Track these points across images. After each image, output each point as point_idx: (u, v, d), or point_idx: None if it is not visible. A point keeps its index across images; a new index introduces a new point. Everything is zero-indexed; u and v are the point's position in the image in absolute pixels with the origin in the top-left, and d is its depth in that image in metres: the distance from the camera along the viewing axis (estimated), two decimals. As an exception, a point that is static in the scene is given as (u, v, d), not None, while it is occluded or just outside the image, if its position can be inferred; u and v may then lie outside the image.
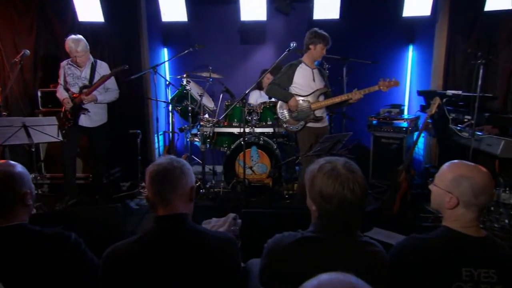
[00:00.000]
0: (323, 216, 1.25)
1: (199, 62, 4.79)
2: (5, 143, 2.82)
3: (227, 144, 4.09)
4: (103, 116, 3.69)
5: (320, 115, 3.20)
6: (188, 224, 1.33)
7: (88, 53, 3.47)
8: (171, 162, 1.33)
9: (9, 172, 1.35)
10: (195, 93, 4.17)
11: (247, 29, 4.78)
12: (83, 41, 3.41)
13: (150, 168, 1.33)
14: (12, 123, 2.78)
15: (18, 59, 3.11)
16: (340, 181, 1.20)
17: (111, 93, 3.64)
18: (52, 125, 2.93)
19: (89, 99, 3.45)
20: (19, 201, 1.36)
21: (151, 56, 4.61)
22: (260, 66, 4.83)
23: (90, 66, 3.54)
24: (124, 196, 3.94)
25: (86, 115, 3.53)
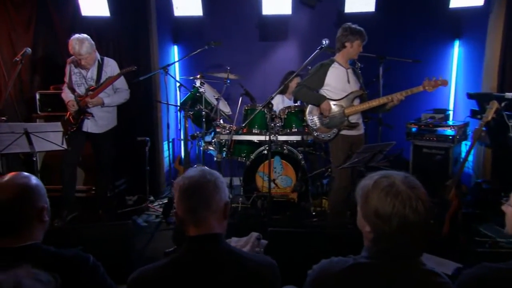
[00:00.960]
0: (380, 239, 1.23)
1: (213, 62, 4.84)
2: (4, 152, 2.86)
3: (245, 154, 4.10)
4: (111, 120, 3.71)
5: (355, 121, 3.19)
6: (223, 245, 1.33)
7: (93, 54, 3.51)
8: (204, 174, 1.34)
9: (25, 185, 1.36)
10: (209, 96, 4.21)
11: (267, 24, 4.83)
12: (88, 42, 3.43)
13: (179, 182, 1.33)
14: (13, 129, 2.82)
15: (19, 58, 3.16)
16: (401, 199, 1.18)
17: (120, 94, 3.66)
18: (57, 131, 2.97)
19: (94, 103, 3.47)
20: (36, 217, 1.37)
21: (161, 55, 4.66)
22: (281, 65, 4.86)
23: (97, 65, 3.58)
24: (131, 211, 3.97)
25: (90, 120, 3.56)
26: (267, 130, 3.88)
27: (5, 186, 1.34)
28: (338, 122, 3.16)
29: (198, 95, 4.11)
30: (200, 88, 4.14)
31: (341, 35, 3.15)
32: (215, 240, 1.33)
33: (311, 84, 3.22)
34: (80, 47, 3.37)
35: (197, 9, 4.13)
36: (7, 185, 1.34)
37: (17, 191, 1.33)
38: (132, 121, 4.44)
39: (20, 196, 1.33)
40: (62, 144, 3.03)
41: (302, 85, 3.23)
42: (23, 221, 1.34)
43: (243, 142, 4.09)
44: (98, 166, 3.75)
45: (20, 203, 1.33)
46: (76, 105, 3.50)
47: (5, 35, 4.32)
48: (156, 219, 3.83)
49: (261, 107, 3.42)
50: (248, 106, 4.02)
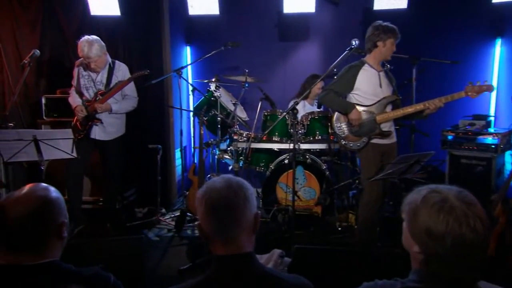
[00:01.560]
0: (432, 261, 1.19)
1: (229, 64, 4.89)
2: (11, 160, 2.89)
3: (264, 163, 4.10)
4: (120, 127, 3.74)
5: (387, 129, 3.14)
6: (256, 266, 1.32)
7: (104, 57, 3.55)
8: (231, 186, 1.32)
9: (46, 198, 1.36)
10: (225, 101, 4.24)
11: (288, 23, 4.84)
12: (98, 44, 3.46)
13: (205, 195, 1.31)
14: (21, 136, 2.85)
15: (27, 61, 3.22)
16: (455, 216, 1.15)
17: (128, 101, 3.69)
18: (67, 139, 3.00)
19: (104, 108, 3.51)
20: (55, 233, 1.37)
21: (173, 57, 4.70)
22: (302, 67, 4.88)
23: (107, 68, 3.61)
24: (140, 225, 3.97)
25: (99, 126, 3.59)
26: (288, 137, 3.90)
27: (24, 198, 1.33)
28: (369, 130, 3.12)
29: (212, 100, 4.14)
30: (215, 92, 4.17)
31: (372, 34, 3.12)
32: (247, 261, 1.31)
33: (339, 88, 3.18)
34: (89, 50, 3.40)
35: (214, 8, 4.16)
36: (27, 197, 1.34)
37: (37, 205, 1.33)
38: (143, 127, 4.46)
39: (40, 210, 1.33)
40: (72, 152, 3.05)
41: (328, 90, 3.20)
42: (42, 236, 1.34)
43: (262, 150, 4.09)
44: (105, 176, 3.76)
45: (40, 218, 1.33)
46: (85, 111, 3.53)
47: (10, 35, 4.39)
48: (168, 233, 3.83)
49: (285, 113, 3.41)
50: (267, 112, 4.02)
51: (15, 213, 1.31)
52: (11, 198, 1.34)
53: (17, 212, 1.31)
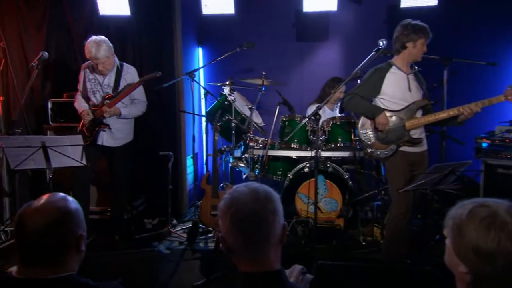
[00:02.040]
0: (481, 283, 1.17)
1: (242, 65, 4.89)
2: (18, 168, 2.91)
3: (281, 172, 4.07)
4: (128, 133, 3.75)
5: (417, 136, 3.10)
6: (286, 285, 1.31)
7: (112, 58, 3.57)
8: (258, 198, 1.29)
9: (65, 209, 1.38)
10: (240, 105, 4.24)
11: (306, 22, 4.83)
12: (106, 44, 3.49)
13: (230, 208, 1.29)
14: (29, 142, 2.87)
15: (35, 63, 3.25)
16: (507, 233, 1.12)
17: (138, 105, 3.70)
18: (76, 145, 3.01)
19: (112, 112, 3.52)
20: (73, 246, 1.38)
21: (185, 58, 4.72)
22: (321, 69, 4.86)
23: (115, 71, 3.63)
24: (150, 236, 3.97)
25: (106, 132, 3.60)
26: (308, 144, 3.89)
27: (42, 209, 1.35)
28: (397, 137, 3.08)
29: (226, 104, 4.14)
30: (230, 96, 4.17)
31: (401, 34, 3.08)
32: (277, 279, 1.30)
33: (364, 92, 3.14)
34: (97, 50, 3.43)
35: (229, 7, 4.16)
36: (45, 208, 1.35)
37: (55, 216, 1.35)
38: (152, 133, 4.48)
39: (59, 222, 1.35)
40: (81, 159, 3.06)
41: (353, 94, 3.17)
42: (60, 249, 1.35)
43: (279, 158, 4.06)
44: (113, 185, 3.77)
45: (59, 229, 1.34)
46: (91, 114, 3.55)
47: (15, 36, 4.47)
48: (180, 246, 3.81)
49: (307, 119, 3.39)
50: (286, 117, 4.00)
51: (33, 225, 1.32)
52: (29, 208, 1.36)
53: (35, 223, 1.32)
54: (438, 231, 3.26)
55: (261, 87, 4.02)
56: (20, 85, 4.47)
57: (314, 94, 4.47)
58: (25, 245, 1.34)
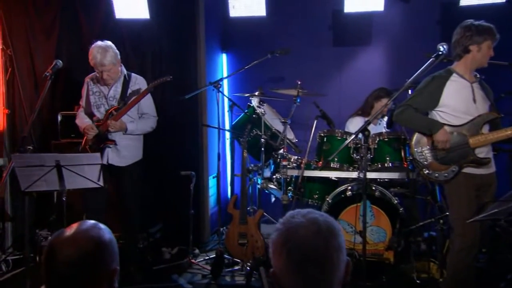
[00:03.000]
0: None
1: (271, 74, 4.87)
2: (29, 189, 2.89)
3: (319, 195, 3.97)
4: (137, 151, 3.71)
5: (484, 156, 2.95)
6: None
7: (118, 66, 3.56)
8: (320, 231, 1.25)
9: (99, 240, 1.37)
10: (269, 119, 4.18)
11: (345, 24, 4.78)
12: (112, 50, 3.49)
13: (287, 243, 1.25)
14: (43, 161, 2.85)
15: (49, 73, 3.23)
16: None
17: (147, 120, 3.68)
18: (94, 164, 2.98)
19: (117, 126, 3.48)
20: (106, 281, 1.38)
21: (208, 66, 4.72)
22: (361, 77, 4.81)
23: (122, 81, 3.61)
24: (169, 268, 3.91)
25: (112, 149, 3.56)
26: (350, 164, 3.77)
27: (75, 239, 1.36)
28: (460, 156, 2.94)
29: (254, 117, 4.08)
30: (259, 108, 4.11)
31: (462, 37, 2.95)
32: None
33: (419, 104, 3.03)
34: (103, 56, 3.43)
35: (259, 8, 4.13)
36: (78, 238, 1.36)
37: (89, 247, 1.35)
38: (172, 150, 4.49)
39: (92, 253, 1.35)
40: (98, 180, 3.02)
41: (405, 106, 3.05)
42: (92, 284, 1.36)
43: (315, 179, 3.95)
44: (123, 210, 3.73)
45: (91, 263, 1.35)
46: (95, 129, 3.53)
47: (23, 43, 4.52)
48: (203, 279, 3.73)
49: (354, 135, 3.26)
50: (324, 132, 3.88)
51: (64, 256, 1.33)
52: (60, 237, 1.38)
53: (66, 255, 1.33)
54: (510, 269, 3.10)
55: (296, 98, 3.92)
56: (27, 97, 4.52)
57: (353, 106, 4.39)
58: (54, 278, 1.34)
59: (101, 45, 3.47)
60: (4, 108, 4.33)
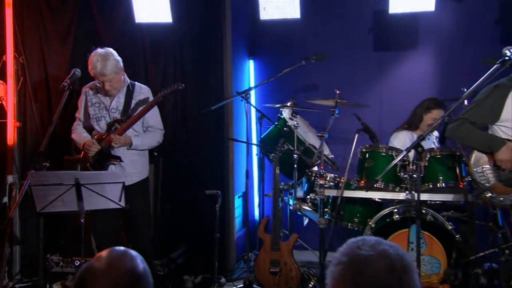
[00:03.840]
0: None
1: (302, 82, 4.85)
2: (45, 210, 2.90)
3: (359, 219, 3.89)
4: (143, 168, 3.71)
5: (557, 177, 2.84)
6: None
7: (120, 75, 3.57)
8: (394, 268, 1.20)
9: (135, 271, 1.37)
10: (302, 132, 4.14)
11: (388, 26, 4.72)
12: (113, 58, 3.50)
13: (355, 279, 1.20)
14: (62, 179, 2.87)
15: (67, 83, 3.23)
16: None
17: (153, 134, 3.67)
18: (116, 183, 2.99)
19: (122, 141, 3.47)
20: None
21: (234, 73, 4.71)
22: (406, 86, 4.74)
23: (125, 91, 3.62)
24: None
25: (116, 167, 3.54)
26: (397, 183, 3.68)
27: (108, 273, 1.35)
28: (528, 177, 2.83)
29: (285, 131, 4.03)
30: (291, 121, 4.06)
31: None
32: None
33: (478, 117, 2.99)
34: (104, 65, 3.43)
35: (294, 10, 4.06)
36: (111, 271, 1.36)
37: (125, 280, 1.35)
38: (194, 166, 4.46)
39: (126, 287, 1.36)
40: (119, 200, 3.02)
41: (461, 120, 3.01)
42: None
43: (356, 200, 3.87)
44: (133, 234, 3.72)
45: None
46: (97, 144, 3.51)
47: (36, 50, 4.56)
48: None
49: (406, 151, 3.17)
50: (366, 148, 3.80)
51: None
52: (91, 271, 1.37)
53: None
54: None
55: (334, 109, 3.83)
56: (39, 108, 4.55)
57: (396, 118, 4.32)
58: None
59: (101, 52, 3.49)
60: (14, 120, 4.34)
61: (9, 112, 4.35)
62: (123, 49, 3.88)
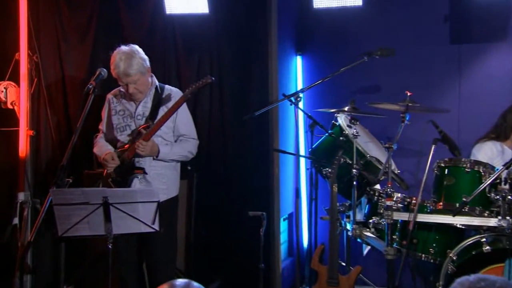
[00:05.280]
0: None
1: (362, 83, 4.78)
2: (67, 234, 2.88)
3: (436, 249, 3.73)
4: (172, 183, 3.69)
5: None
6: None
7: (147, 76, 3.57)
8: None
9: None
10: (362, 143, 4.05)
11: (469, 14, 4.60)
12: (139, 56, 3.50)
13: None
14: (88, 197, 2.86)
15: (92, 85, 3.16)
16: None
17: (184, 144, 3.67)
18: (151, 202, 2.96)
19: (148, 149, 3.44)
20: None
21: (280, 73, 4.66)
22: (491, 85, 4.65)
23: (153, 95, 3.63)
24: None
25: (140, 180, 3.54)
26: (485, 206, 3.53)
27: None
28: None
29: (342, 141, 3.95)
30: (350, 128, 3.96)
31: None
32: None
33: None
34: (128, 64, 3.43)
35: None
36: None
37: None
38: (234, 183, 4.48)
39: None
40: (153, 223, 2.98)
41: None
42: None
43: (431, 226, 3.73)
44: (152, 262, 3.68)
45: None
46: (117, 159, 3.51)
47: (52, 47, 4.61)
48: None
49: (504, 167, 3.00)
50: (445, 162, 3.69)
51: None
52: None
53: None
54: None
55: (404, 115, 3.68)
56: (55, 114, 4.58)
57: (478, 125, 4.26)
58: None
59: (124, 50, 3.50)
60: (27, 128, 4.36)
61: (22, 119, 4.37)
62: (151, 45, 3.89)
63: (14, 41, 4.38)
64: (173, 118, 3.53)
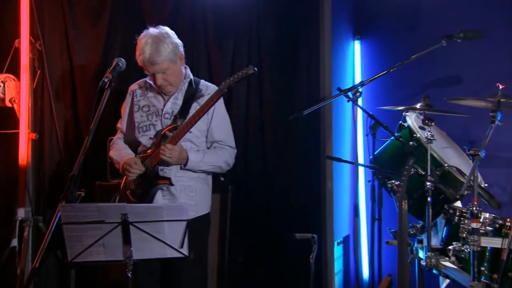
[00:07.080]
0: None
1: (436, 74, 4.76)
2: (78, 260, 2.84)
3: None
4: (203, 198, 3.68)
5: None
6: None
7: (180, 65, 3.58)
8: None
9: None
10: (439, 149, 3.99)
11: None
12: (170, 40, 3.50)
13: None
14: (104, 215, 2.83)
15: (108, 78, 3.09)
16: None
17: (219, 152, 3.66)
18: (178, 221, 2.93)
19: (175, 154, 3.41)
20: None
21: (334, 62, 4.64)
22: None
23: (185, 90, 3.63)
24: None
25: (164, 193, 3.54)
26: None
27: None
28: None
29: (412, 146, 3.86)
30: (423, 131, 3.88)
31: None
32: None
33: None
34: (155, 49, 3.42)
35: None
36: None
37: None
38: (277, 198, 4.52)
39: None
40: (181, 246, 2.94)
41: None
42: None
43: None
44: None
45: None
46: (140, 164, 3.48)
47: (59, 32, 4.68)
48: None
49: None
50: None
51: None
52: None
53: None
54: None
55: (494, 114, 3.53)
56: (61, 112, 4.62)
57: None
58: None
59: (152, 33, 3.48)
60: (29, 131, 4.37)
61: (22, 120, 4.38)
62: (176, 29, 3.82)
63: (14, 26, 4.40)
64: (207, 119, 3.51)
